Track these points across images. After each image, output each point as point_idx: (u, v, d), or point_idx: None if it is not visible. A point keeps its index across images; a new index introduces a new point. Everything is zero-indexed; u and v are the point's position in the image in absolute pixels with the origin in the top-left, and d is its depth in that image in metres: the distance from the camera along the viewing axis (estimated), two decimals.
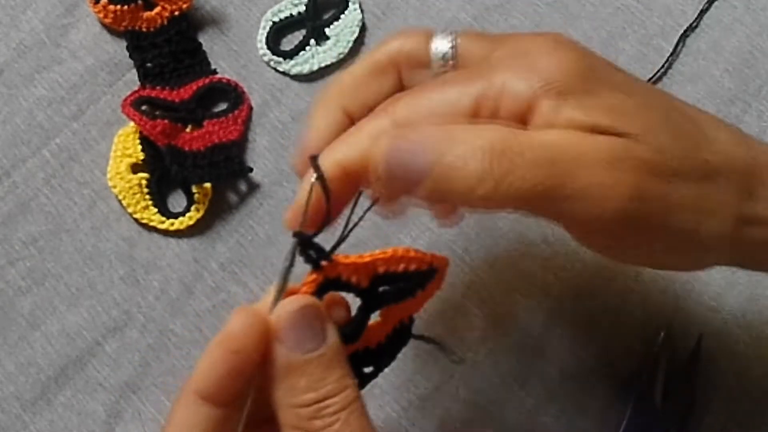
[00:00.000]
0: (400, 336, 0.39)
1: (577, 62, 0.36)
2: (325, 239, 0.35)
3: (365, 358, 0.38)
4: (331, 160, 0.36)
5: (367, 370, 0.39)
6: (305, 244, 0.35)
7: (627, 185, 0.35)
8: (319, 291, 0.35)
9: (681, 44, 0.56)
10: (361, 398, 0.35)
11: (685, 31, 0.57)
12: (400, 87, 0.40)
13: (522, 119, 0.36)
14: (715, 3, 0.58)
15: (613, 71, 0.38)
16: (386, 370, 0.47)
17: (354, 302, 0.37)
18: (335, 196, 0.36)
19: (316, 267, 0.35)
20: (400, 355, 0.50)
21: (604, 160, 0.34)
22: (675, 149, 0.36)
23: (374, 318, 0.38)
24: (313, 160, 0.36)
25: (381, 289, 0.37)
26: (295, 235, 0.35)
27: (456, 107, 0.36)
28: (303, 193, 0.36)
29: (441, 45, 0.39)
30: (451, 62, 0.39)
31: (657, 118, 0.36)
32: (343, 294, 0.37)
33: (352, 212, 0.37)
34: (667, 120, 0.37)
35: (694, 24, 0.57)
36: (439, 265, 0.38)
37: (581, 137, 0.35)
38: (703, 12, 0.57)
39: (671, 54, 0.56)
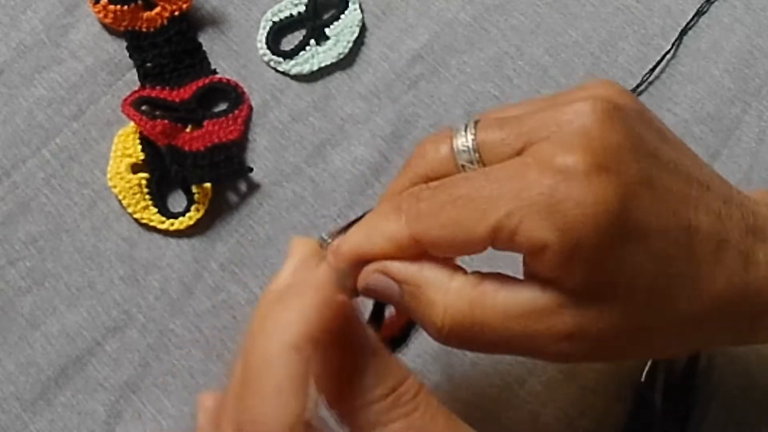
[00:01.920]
0: (411, 326, 0.41)
1: (608, 206, 0.33)
2: None
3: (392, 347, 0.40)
4: (352, 254, 0.38)
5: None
6: None
7: (579, 355, 0.36)
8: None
9: (678, 43, 0.56)
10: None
11: (683, 31, 0.57)
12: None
13: (534, 254, 0.35)
14: (715, 3, 0.58)
15: (648, 186, 0.35)
16: None
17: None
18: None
19: None
20: (400, 355, 0.50)
21: (561, 334, 0.35)
22: (647, 314, 0.36)
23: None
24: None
25: None
26: None
27: (472, 233, 0.35)
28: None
29: (464, 143, 0.37)
30: (476, 155, 0.37)
31: (652, 274, 0.35)
32: None
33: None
34: (661, 272, 0.35)
35: (692, 23, 0.57)
36: None
37: (547, 314, 0.35)
38: (700, 12, 0.57)
39: (667, 52, 0.56)
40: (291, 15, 0.57)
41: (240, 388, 0.33)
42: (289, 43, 0.57)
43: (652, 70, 0.56)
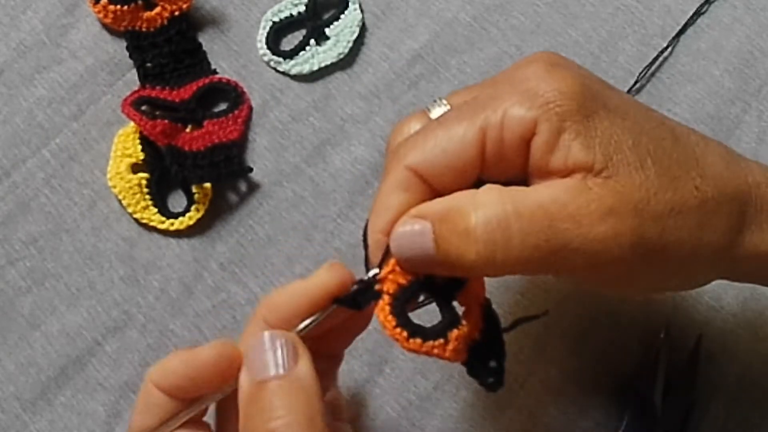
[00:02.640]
0: (491, 320, 0.40)
1: (574, 84, 0.37)
2: None
3: (484, 353, 0.39)
4: (377, 231, 0.38)
5: (492, 364, 0.39)
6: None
7: (626, 235, 0.36)
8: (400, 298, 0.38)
9: (676, 43, 0.56)
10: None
11: (681, 30, 0.57)
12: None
13: (527, 142, 0.37)
14: (715, 3, 0.58)
15: (607, 91, 0.39)
16: (388, 370, 0.47)
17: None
18: None
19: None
20: (400, 355, 0.50)
21: (601, 213, 0.35)
22: (666, 185, 0.37)
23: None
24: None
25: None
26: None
27: (463, 142, 0.37)
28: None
29: (438, 111, 0.40)
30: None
31: (649, 149, 0.37)
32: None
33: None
34: (658, 149, 0.37)
35: (691, 23, 0.57)
36: None
37: (577, 192, 0.36)
38: (700, 12, 0.57)
39: (664, 49, 0.56)
40: (291, 15, 0.57)
41: None
42: (289, 43, 0.57)
43: (649, 67, 0.56)
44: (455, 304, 0.38)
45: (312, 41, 0.56)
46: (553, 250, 0.35)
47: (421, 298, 0.39)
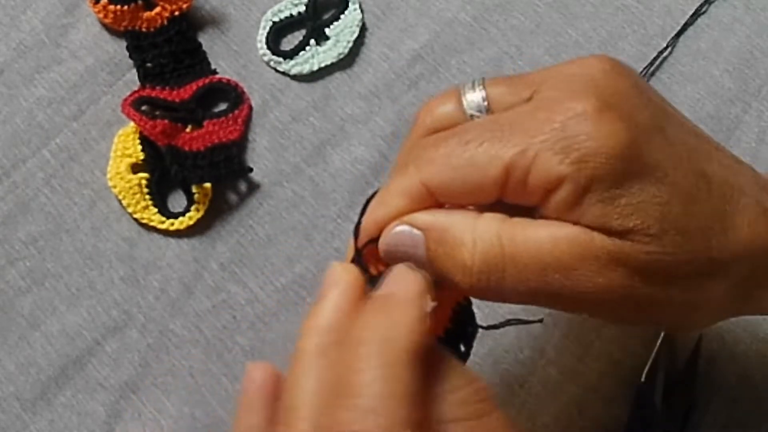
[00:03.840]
0: (462, 319, 0.39)
1: (618, 143, 0.34)
2: None
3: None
4: (372, 225, 0.37)
5: None
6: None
7: (618, 288, 0.34)
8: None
9: (675, 42, 0.56)
10: None
11: (681, 30, 0.57)
12: None
13: (549, 192, 0.35)
14: (715, 3, 0.58)
15: (656, 138, 0.35)
16: None
17: None
18: None
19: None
20: None
21: (599, 263, 0.34)
22: (683, 252, 0.35)
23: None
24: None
25: None
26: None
27: (486, 176, 0.35)
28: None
29: (473, 97, 0.38)
30: (485, 104, 0.38)
31: (675, 219, 0.35)
32: None
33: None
34: (686, 215, 0.35)
35: (691, 23, 0.57)
36: None
37: (581, 240, 0.34)
38: (699, 12, 0.57)
39: (663, 50, 0.56)
40: (291, 15, 0.57)
41: (332, 399, 0.32)
42: (289, 43, 0.57)
43: (649, 67, 0.56)
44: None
45: (312, 41, 0.56)
46: (545, 296, 0.35)
47: None
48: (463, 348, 0.39)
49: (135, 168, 0.53)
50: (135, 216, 0.52)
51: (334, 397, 0.32)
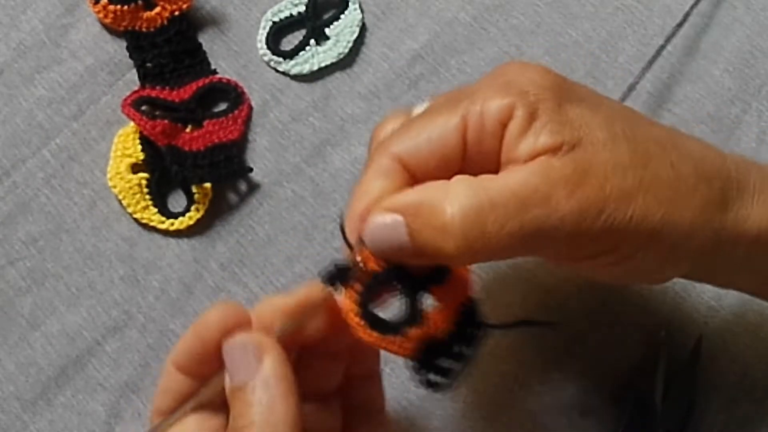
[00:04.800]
0: (467, 321, 0.39)
1: (548, 76, 0.39)
2: None
3: (440, 351, 0.38)
4: (355, 216, 0.38)
5: (446, 364, 0.38)
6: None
7: (591, 209, 0.36)
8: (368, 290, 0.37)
9: (672, 35, 0.56)
10: None
11: (678, 27, 0.56)
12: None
13: (504, 126, 0.38)
14: (715, 3, 0.58)
15: (580, 87, 0.40)
16: (388, 370, 0.47)
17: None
18: None
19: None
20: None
21: (567, 191, 0.36)
22: (637, 161, 0.38)
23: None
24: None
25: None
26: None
27: (446, 129, 0.38)
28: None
29: (420, 110, 0.41)
30: None
31: (623, 129, 0.38)
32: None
33: None
34: (633, 129, 0.39)
35: (682, 21, 0.56)
36: None
37: (543, 172, 0.36)
38: (696, 4, 0.57)
39: (660, 48, 0.56)
40: (291, 15, 0.57)
41: None
42: (289, 43, 0.57)
43: (649, 67, 0.56)
44: (432, 299, 0.38)
45: (312, 41, 0.56)
46: (529, 234, 0.36)
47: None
48: (465, 351, 0.39)
49: (135, 168, 0.53)
50: (135, 216, 0.52)
51: None
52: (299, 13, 0.57)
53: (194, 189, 0.52)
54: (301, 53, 0.56)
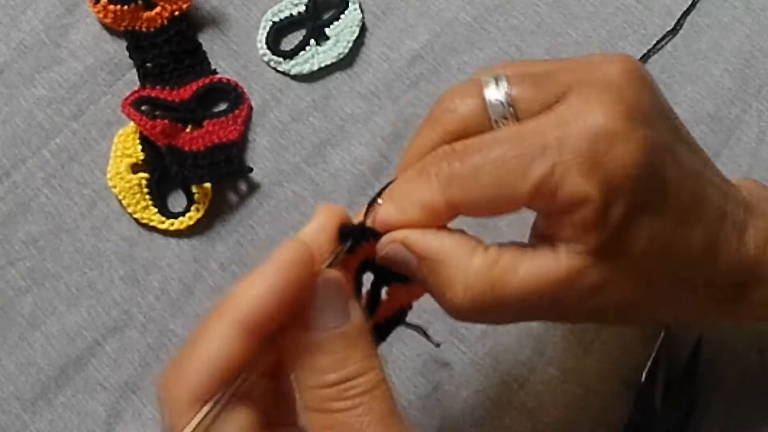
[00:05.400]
0: (396, 319, 0.40)
1: (638, 166, 0.34)
2: None
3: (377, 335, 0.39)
4: (382, 226, 0.37)
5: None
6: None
7: (603, 309, 0.37)
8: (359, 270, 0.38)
9: (673, 35, 0.56)
10: (386, 382, 0.34)
11: (685, 12, 0.56)
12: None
13: (575, 206, 0.35)
14: (715, 3, 0.58)
15: (669, 162, 0.36)
16: (388, 370, 0.47)
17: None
18: None
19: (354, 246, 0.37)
20: (400, 355, 0.50)
21: (590, 292, 0.36)
22: (665, 293, 0.38)
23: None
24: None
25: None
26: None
27: (514, 192, 0.35)
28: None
29: (496, 96, 0.37)
30: (510, 109, 0.37)
31: (668, 234, 0.36)
32: None
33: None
34: (675, 261, 0.37)
35: (678, 27, 0.57)
36: None
37: (577, 279, 0.35)
38: (685, 14, 0.57)
39: (658, 44, 0.56)
40: (291, 15, 0.57)
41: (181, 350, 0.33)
42: (289, 43, 0.57)
43: (646, 57, 0.56)
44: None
45: (312, 41, 0.56)
46: (536, 318, 0.40)
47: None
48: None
49: (135, 168, 0.53)
50: (135, 216, 0.52)
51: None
52: (299, 13, 0.57)
53: (194, 189, 0.52)
54: (301, 53, 0.56)
